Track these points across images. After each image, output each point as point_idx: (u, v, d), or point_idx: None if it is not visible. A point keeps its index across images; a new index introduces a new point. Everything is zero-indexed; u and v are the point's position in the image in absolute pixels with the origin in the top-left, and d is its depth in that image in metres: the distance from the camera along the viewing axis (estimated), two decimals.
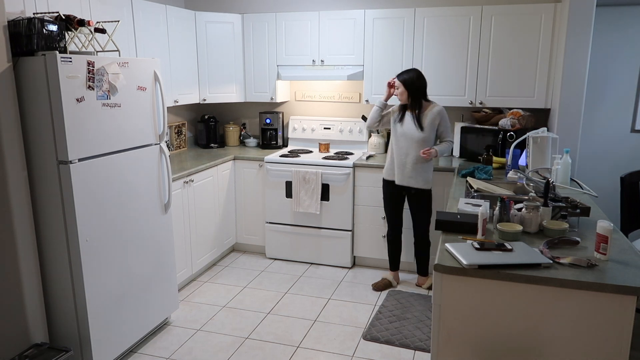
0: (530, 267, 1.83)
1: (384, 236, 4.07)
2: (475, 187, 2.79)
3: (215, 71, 4.41)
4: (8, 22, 2.36)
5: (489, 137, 3.85)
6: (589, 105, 4.40)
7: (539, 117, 3.95)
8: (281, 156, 4.28)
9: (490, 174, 3.25)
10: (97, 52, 2.78)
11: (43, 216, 2.52)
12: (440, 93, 4.01)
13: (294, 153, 4.40)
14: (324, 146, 4.45)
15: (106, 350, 2.71)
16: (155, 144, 3.02)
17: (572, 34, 3.45)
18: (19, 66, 2.38)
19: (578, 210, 2.30)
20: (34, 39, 2.37)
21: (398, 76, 3.52)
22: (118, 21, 2.95)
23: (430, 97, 4.06)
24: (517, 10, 3.72)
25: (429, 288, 3.81)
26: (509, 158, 3.30)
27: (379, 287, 3.81)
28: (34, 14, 2.59)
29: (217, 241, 4.22)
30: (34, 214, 2.52)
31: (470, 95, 3.96)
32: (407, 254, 4.03)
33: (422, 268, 3.85)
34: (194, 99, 4.34)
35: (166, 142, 3.36)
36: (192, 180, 3.76)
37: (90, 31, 2.65)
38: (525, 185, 2.78)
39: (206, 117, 4.76)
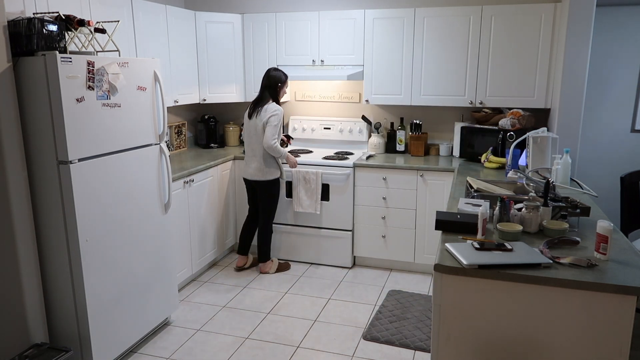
0: (530, 267, 1.83)
1: (384, 236, 4.07)
2: (475, 187, 2.79)
3: (215, 71, 4.40)
4: (8, 22, 2.35)
5: (489, 137, 3.85)
6: (589, 105, 4.40)
7: (539, 117, 3.95)
8: None
9: None
10: (97, 52, 2.78)
11: (43, 216, 2.52)
12: (440, 93, 4.01)
13: (294, 153, 4.39)
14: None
15: (106, 350, 2.71)
16: (155, 144, 3.02)
17: (572, 34, 3.45)
18: (19, 66, 2.38)
19: (578, 210, 2.30)
20: (34, 39, 2.37)
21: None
22: (118, 21, 2.95)
23: (430, 97, 4.08)
24: (517, 10, 3.72)
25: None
26: (509, 158, 3.30)
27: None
28: (34, 14, 2.59)
29: (217, 241, 4.22)
30: (34, 214, 2.52)
31: (470, 95, 3.96)
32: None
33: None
34: (194, 99, 4.34)
35: (166, 142, 3.37)
36: (192, 180, 3.76)
37: (90, 31, 2.65)
38: (525, 185, 2.78)
39: (206, 117, 4.76)
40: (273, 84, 3.79)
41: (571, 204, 2.34)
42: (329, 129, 4.58)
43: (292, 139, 4.41)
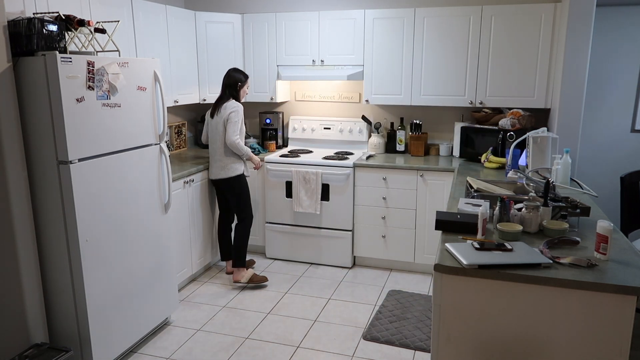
0: (530, 267, 1.83)
1: (384, 236, 4.07)
2: (475, 187, 2.79)
3: (215, 71, 4.40)
4: (8, 22, 2.36)
5: (489, 137, 3.85)
6: (589, 105, 4.40)
7: (539, 117, 3.95)
8: (281, 156, 4.28)
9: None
10: (97, 52, 2.78)
11: (43, 216, 2.52)
12: (440, 93, 4.01)
13: (294, 153, 4.40)
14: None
15: (106, 350, 2.71)
16: (155, 144, 3.02)
17: (572, 34, 3.45)
18: (19, 66, 2.38)
19: (578, 210, 2.30)
20: (34, 39, 2.37)
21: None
22: (118, 21, 2.95)
23: (430, 97, 4.08)
24: (517, 10, 3.72)
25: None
26: (509, 158, 3.30)
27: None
28: (34, 14, 2.59)
29: (218, 241, 4.21)
30: (34, 214, 2.52)
31: (470, 95, 3.96)
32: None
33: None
34: (194, 99, 4.34)
35: (166, 142, 3.37)
36: (192, 180, 3.76)
37: (90, 31, 2.65)
38: (525, 185, 2.78)
39: None
40: (233, 83, 3.74)
41: (571, 204, 2.34)
42: (329, 129, 4.58)
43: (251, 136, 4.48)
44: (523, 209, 2.26)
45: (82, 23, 2.56)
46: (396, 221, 4.03)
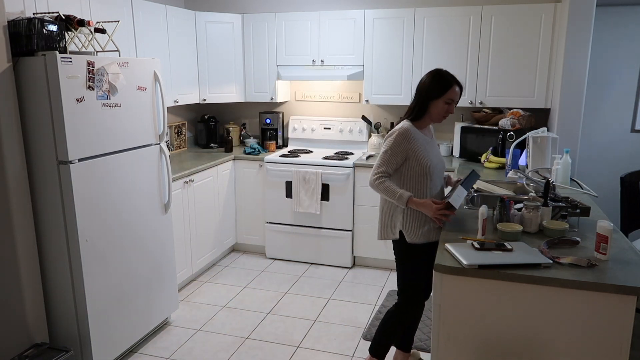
0: (530, 267, 1.83)
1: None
2: (475, 187, 2.79)
3: (215, 71, 4.40)
4: (8, 22, 2.36)
5: (489, 137, 3.85)
6: (589, 105, 4.40)
7: (539, 117, 3.95)
8: (281, 156, 4.28)
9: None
10: (97, 52, 2.78)
11: (43, 216, 2.52)
12: None
13: (294, 153, 4.40)
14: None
15: (106, 350, 2.71)
16: (155, 144, 3.02)
17: (572, 34, 3.45)
18: (19, 66, 2.38)
19: (578, 210, 2.30)
20: (34, 39, 2.37)
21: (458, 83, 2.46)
22: (118, 21, 2.95)
23: None
24: (517, 10, 3.72)
25: None
26: (509, 158, 3.30)
27: None
28: (34, 14, 2.59)
29: (217, 241, 4.22)
30: (34, 214, 2.52)
31: (470, 95, 3.96)
32: None
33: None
34: (194, 99, 4.34)
35: (166, 142, 3.36)
36: (192, 180, 3.76)
37: (90, 31, 2.66)
38: (525, 185, 2.78)
39: (206, 117, 4.76)
40: None
41: (571, 204, 2.34)
42: (329, 129, 4.58)
43: None
44: (523, 209, 2.26)
45: (82, 23, 2.56)
46: None
